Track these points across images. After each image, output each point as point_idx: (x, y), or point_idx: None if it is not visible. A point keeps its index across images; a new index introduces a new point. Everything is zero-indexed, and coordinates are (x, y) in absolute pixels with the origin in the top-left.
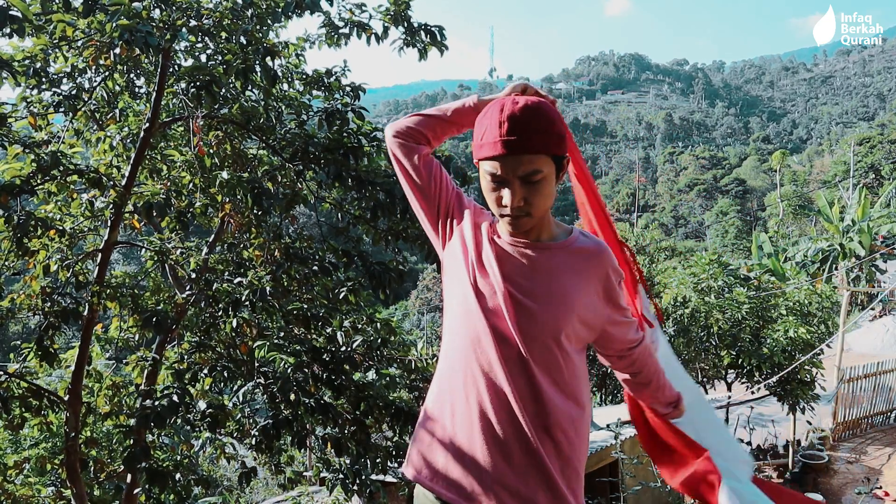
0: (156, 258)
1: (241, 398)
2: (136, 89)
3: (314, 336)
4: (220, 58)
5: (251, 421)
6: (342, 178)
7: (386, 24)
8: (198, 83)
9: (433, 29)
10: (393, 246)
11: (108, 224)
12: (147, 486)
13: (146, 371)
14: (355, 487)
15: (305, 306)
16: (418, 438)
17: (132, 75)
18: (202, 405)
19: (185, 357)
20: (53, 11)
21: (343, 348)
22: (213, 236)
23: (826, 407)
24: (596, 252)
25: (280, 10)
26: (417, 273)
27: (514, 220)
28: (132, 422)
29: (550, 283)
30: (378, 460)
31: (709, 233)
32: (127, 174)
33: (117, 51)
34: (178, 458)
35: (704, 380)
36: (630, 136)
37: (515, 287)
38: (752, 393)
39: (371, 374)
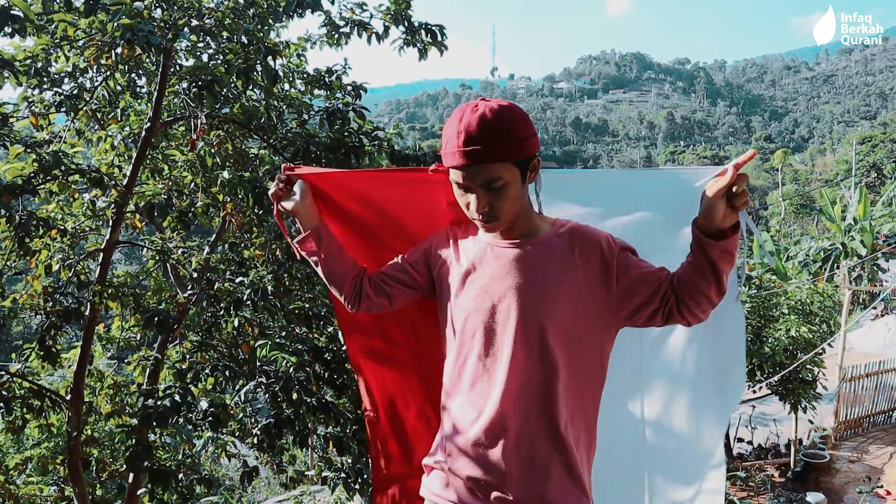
0: (157, 258)
1: (242, 397)
2: (138, 89)
3: (316, 335)
4: (221, 57)
5: (253, 420)
6: None
7: (386, 24)
8: (199, 83)
9: (434, 28)
10: None
11: (110, 224)
12: (149, 486)
13: (148, 370)
14: (357, 486)
15: (307, 305)
16: (438, 454)
17: (133, 75)
18: (204, 404)
19: (187, 356)
20: (55, 11)
21: (344, 347)
22: (214, 236)
23: (828, 406)
24: (579, 239)
25: (281, 9)
26: None
27: (483, 223)
28: (134, 421)
29: (536, 278)
30: None
31: None
32: (128, 174)
33: (119, 50)
34: (181, 457)
35: None
36: (632, 136)
37: (505, 287)
38: (754, 392)
39: None
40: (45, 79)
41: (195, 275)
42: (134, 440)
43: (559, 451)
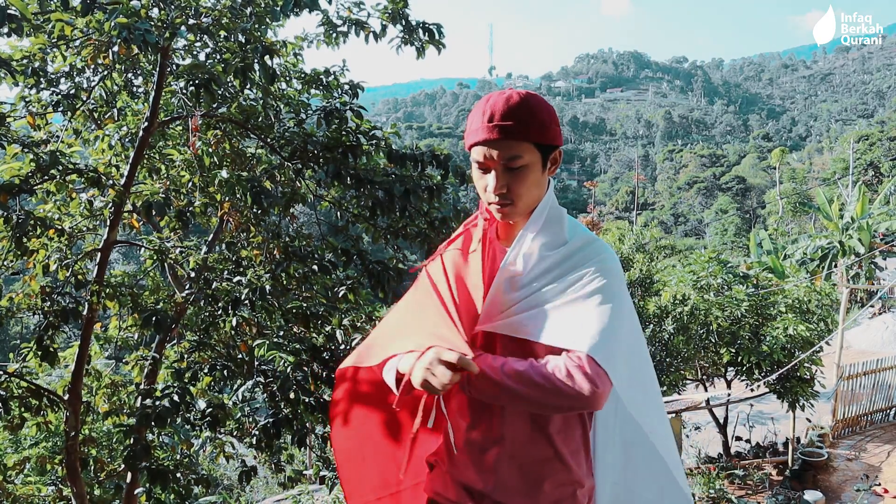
0: (155, 257)
1: (240, 397)
2: (135, 88)
3: (314, 334)
4: (218, 56)
5: (251, 420)
6: (341, 176)
7: (384, 23)
8: (196, 82)
9: (431, 27)
10: (392, 244)
11: (107, 223)
12: (147, 486)
13: (146, 370)
14: None
15: (305, 305)
16: (441, 454)
17: (130, 74)
18: (202, 404)
19: (185, 356)
20: (52, 10)
21: (343, 347)
22: (212, 235)
23: (826, 404)
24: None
25: (279, 8)
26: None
27: (499, 207)
28: (132, 421)
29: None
30: None
31: (708, 230)
32: (126, 173)
33: (116, 49)
34: (179, 457)
35: (704, 377)
36: (629, 134)
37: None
38: (752, 390)
39: None
40: (41, 78)
41: (193, 274)
42: (132, 440)
43: (553, 462)
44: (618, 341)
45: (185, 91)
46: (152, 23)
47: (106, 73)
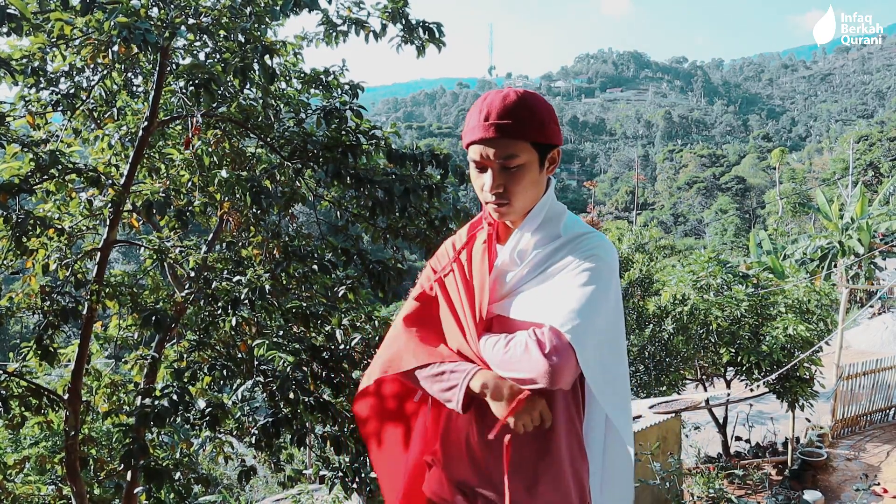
0: (155, 257)
1: (240, 396)
2: (134, 88)
3: (313, 334)
4: (218, 56)
5: (251, 419)
6: (341, 176)
7: (384, 22)
8: (196, 81)
9: (431, 26)
10: (392, 244)
11: (107, 223)
12: (147, 485)
13: (145, 369)
14: (354, 485)
15: (304, 304)
16: (437, 452)
17: (130, 74)
18: (202, 403)
19: (185, 355)
20: (51, 10)
21: (342, 346)
22: (211, 235)
23: (825, 404)
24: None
25: (278, 7)
26: (416, 271)
27: (496, 207)
28: (132, 420)
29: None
30: None
31: (708, 230)
32: (125, 173)
33: (115, 49)
34: (178, 456)
35: (703, 377)
36: (629, 134)
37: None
38: (752, 390)
39: None
40: (41, 78)
41: (193, 274)
42: (131, 439)
43: (548, 461)
44: (592, 322)
45: (184, 91)
46: (152, 22)
47: (106, 72)
